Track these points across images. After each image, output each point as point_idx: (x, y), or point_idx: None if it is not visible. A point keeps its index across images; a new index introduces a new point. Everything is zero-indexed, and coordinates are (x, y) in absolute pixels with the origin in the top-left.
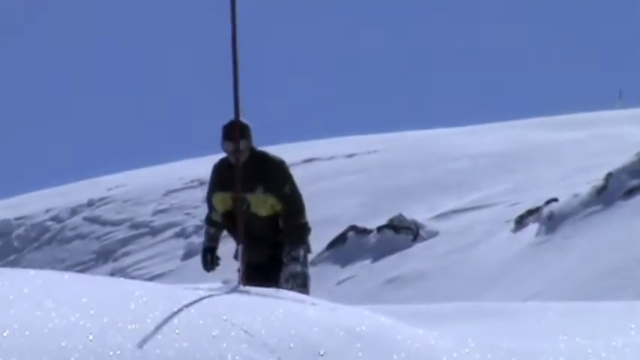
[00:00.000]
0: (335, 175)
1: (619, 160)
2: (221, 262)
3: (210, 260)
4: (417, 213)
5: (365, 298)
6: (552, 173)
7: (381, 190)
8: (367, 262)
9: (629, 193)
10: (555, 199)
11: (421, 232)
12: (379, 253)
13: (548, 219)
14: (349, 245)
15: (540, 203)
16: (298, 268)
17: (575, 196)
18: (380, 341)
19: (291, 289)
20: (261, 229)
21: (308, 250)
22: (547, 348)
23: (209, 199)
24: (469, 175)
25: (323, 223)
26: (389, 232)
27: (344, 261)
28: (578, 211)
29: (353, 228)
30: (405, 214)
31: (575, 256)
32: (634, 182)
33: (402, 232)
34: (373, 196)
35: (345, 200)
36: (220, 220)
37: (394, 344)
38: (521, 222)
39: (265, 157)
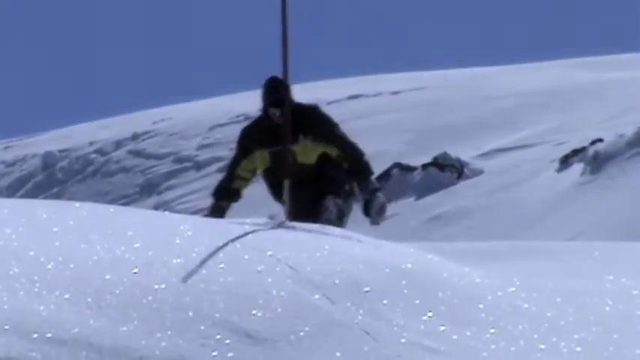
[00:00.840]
0: (380, 112)
1: None
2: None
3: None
4: (462, 151)
5: (409, 235)
6: (598, 113)
7: (426, 128)
8: (411, 199)
9: None
10: (600, 140)
11: (466, 171)
12: (423, 190)
13: (593, 159)
14: (393, 182)
15: (585, 143)
16: (384, 200)
17: (621, 136)
18: (425, 279)
19: (379, 222)
20: (310, 176)
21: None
22: (592, 288)
23: (234, 165)
24: (514, 114)
25: (370, 158)
26: (433, 170)
27: (388, 198)
28: (623, 151)
29: (397, 165)
30: (449, 152)
31: (620, 196)
32: None
33: (447, 170)
34: (418, 134)
35: (390, 137)
36: (240, 186)
37: (440, 282)
38: (566, 161)
39: (302, 108)
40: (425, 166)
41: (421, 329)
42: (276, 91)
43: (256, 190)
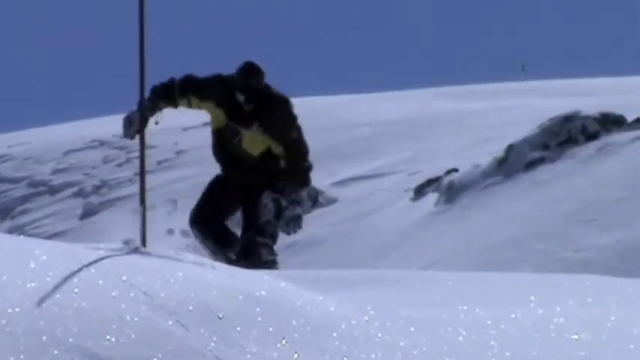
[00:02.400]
0: None
1: (520, 132)
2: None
3: (131, 126)
4: (317, 179)
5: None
6: (453, 143)
7: None
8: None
9: (530, 165)
10: (455, 169)
11: (320, 199)
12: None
13: (448, 189)
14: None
15: (440, 173)
16: (299, 211)
17: (476, 166)
18: (279, 306)
19: (290, 232)
20: (251, 162)
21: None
22: (446, 317)
23: (195, 86)
24: (370, 143)
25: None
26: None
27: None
28: (478, 181)
29: None
30: None
31: (474, 226)
32: (535, 154)
33: (303, 198)
34: None
35: None
36: (181, 102)
37: (293, 309)
38: (420, 191)
39: (271, 97)
40: None
41: (274, 357)
42: (245, 78)
43: (112, 215)
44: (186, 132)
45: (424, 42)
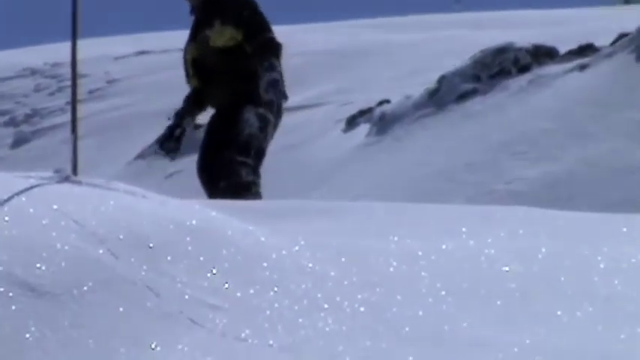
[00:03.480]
0: (168, 67)
1: (452, 63)
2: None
3: (164, 143)
4: None
5: (194, 192)
6: (385, 74)
7: None
8: (196, 156)
9: (462, 97)
10: (387, 101)
11: None
12: None
13: (380, 120)
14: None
15: (372, 104)
16: (274, 76)
17: (408, 97)
18: (210, 235)
19: (272, 99)
20: (223, 64)
21: (284, 97)
22: (377, 247)
23: (184, 63)
24: (300, 74)
25: (155, 116)
26: None
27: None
28: (409, 112)
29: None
30: None
31: (406, 158)
32: (466, 86)
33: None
34: None
35: (177, 94)
36: (194, 84)
37: (224, 239)
38: (352, 122)
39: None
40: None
41: (205, 286)
42: None
43: (44, 144)
44: (118, 61)
45: None
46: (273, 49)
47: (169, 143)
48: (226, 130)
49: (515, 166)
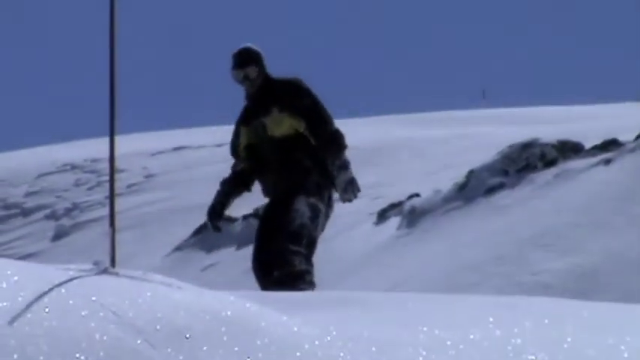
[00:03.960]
0: (203, 163)
1: (481, 158)
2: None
3: (213, 221)
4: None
5: (229, 284)
6: (416, 169)
7: None
8: (232, 249)
9: (489, 191)
10: (417, 194)
11: None
12: (244, 240)
13: (410, 213)
14: (222, 234)
15: (403, 198)
16: (350, 174)
17: (437, 192)
18: (245, 326)
19: (351, 198)
20: (281, 153)
21: (358, 191)
22: (406, 338)
23: (234, 147)
24: None
25: (191, 210)
26: (254, 221)
27: (209, 247)
28: (439, 206)
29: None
30: None
31: (435, 250)
32: (494, 180)
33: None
34: None
35: (212, 188)
36: (242, 168)
37: (258, 330)
38: (383, 215)
39: (279, 79)
40: (246, 217)
41: None
42: (238, 55)
43: (83, 237)
44: (155, 157)
45: (387, 69)
46: (341, 143)
47: (215, 220)
48: (278, 219)
49: (541, 259)
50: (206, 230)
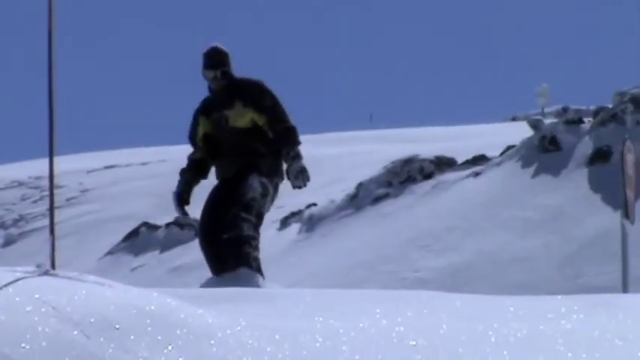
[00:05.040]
0: (131, 179)
1: (368, 172)
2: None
3: (179, 206)
4: (197, 212)
5: (154, 282)
6: (312, 182)
7: (169, 193)
8: (156, 252)
9: (376, 200)
10: (314, 204)
11: None
12: (166, 245)
13: (308, 220)
14: (141, 238)
15: (302, 207)
16: (302, 164)
17: (331, 201)
18: (166, 319)
19: (301, 185)
20: (239, 142)
21: (308, 180)
22: (305, 327)
23: (192, 136)
24: None
25: (120, 219)
26: (175, 228)
27: (136, 251)
28: (333, 214)
29: (145, 224)
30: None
31: (330, 251)
32: (380, 191)
33: (186, 228)
34: (162, 198)
35: (139, 201)
36: (199, 156)
37: (178, 321)
38: (285, 222)
39: (242, 78)
40: (168, 225)
41: None
42: (210, 56)
43: (28, 244)
44: (89, 174)
45: (286, 94)
46: (295, 137)
47: (182, 206)
48: (232, 191)
49: (421, 258)
50: (134, 237)
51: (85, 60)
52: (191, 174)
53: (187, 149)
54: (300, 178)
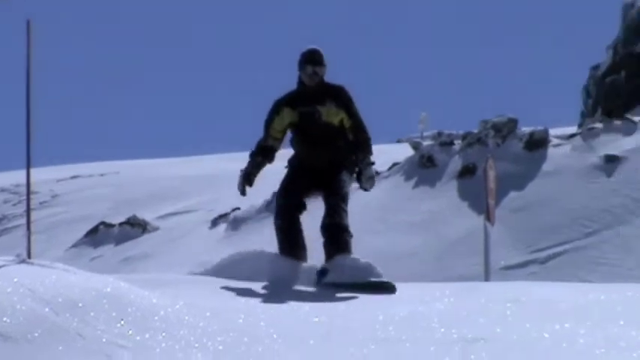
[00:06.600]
0: (92, 187)
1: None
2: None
3: (244, 185)
4: (146, 214)
5: (109, 270)
6: (237, 191)
7: (121, 199)
8: (112, 245)
9: None
10: (238, 208)
11: (148, 227)
12: (120, 240)
13: (234, 221)
14: (100, 234)
15: (229, 210)
16: (373, 172)
17: (252, 206)
18: (119, 299)
19: (368, 188)
20: (330, 137)
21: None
22: (230, 305)
23: (268, 124)
24: (180, 190)
25: (83, 219)
26: (127, 227)
27: (96, 245)
28: (253, 216)
29: (103, 223)
30: (137, 214)
31: (251, 246)
32: None
33: (135, 227)
34: (117, 202)
35: (98, 204)
36: (273, 144)
37: (129, 301)
38: (215, 222)
39: (332, 84)
40: (121, 224)
41: (116, 333)
42: (313, 53)
43: (10, 238)
44: (59, 182)
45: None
46: (371, 147)
47: (245, 186)
48: (327, 182)
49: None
50: (94, 233)
51: (52, 84)
52: (260, 158)
53: (135, 164)
54: (370, 183)
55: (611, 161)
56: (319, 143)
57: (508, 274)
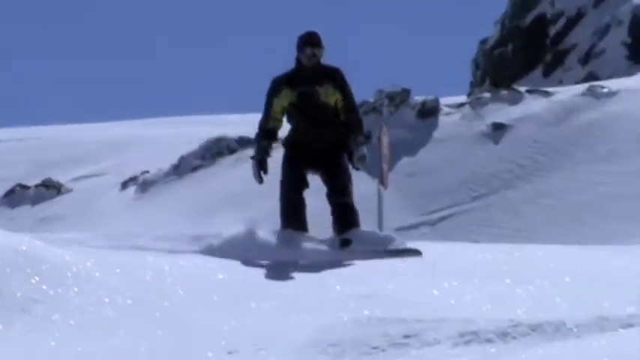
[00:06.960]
0: (10, 151)
1: (189, 148)
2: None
3: (259, 172)
4: (60, 177)
5: (26, 229)
6: (146, 155)
7: (38, 162)
8: (28, 206)
9: (194, 169)
10: (147, 171)
11: (62, 189)
12: (36, 201)
13: (143, 184)
14: (16, 195)
15: (138, 173)
16: (364, 151)
17: (160, 169)
18: (35, 256)
19: (360, 167)
20: (328, 117)
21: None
22: (139, 264)
23: (268, 106)
24: (94, 155)
25: (1, 181)
26: (42, 189)
27: (13, 205)
28: (161, 179)
29: (19, 185)
30: (52, 177)
31: (159, 208)
32: (197, 162)
33: (50, 188)
34: (34, 165)
35: (15, 167)
36: (275, 125)
37: (43, 259)
38: (125, 185)
39: (329, 66)
40: (37, 186)
41: (30, 288)
42: (311, 35)
43: None
44: None
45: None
46: (363, 127)
47: (260, 174)
48: (331, 162)
49: (228, 213)
50: (11, 194)
51: None
52: (267, 142)
53: (58, 129)
54: (361, 162)
55: (498, 129)
56: (317, 123)
57: (401, 235)
